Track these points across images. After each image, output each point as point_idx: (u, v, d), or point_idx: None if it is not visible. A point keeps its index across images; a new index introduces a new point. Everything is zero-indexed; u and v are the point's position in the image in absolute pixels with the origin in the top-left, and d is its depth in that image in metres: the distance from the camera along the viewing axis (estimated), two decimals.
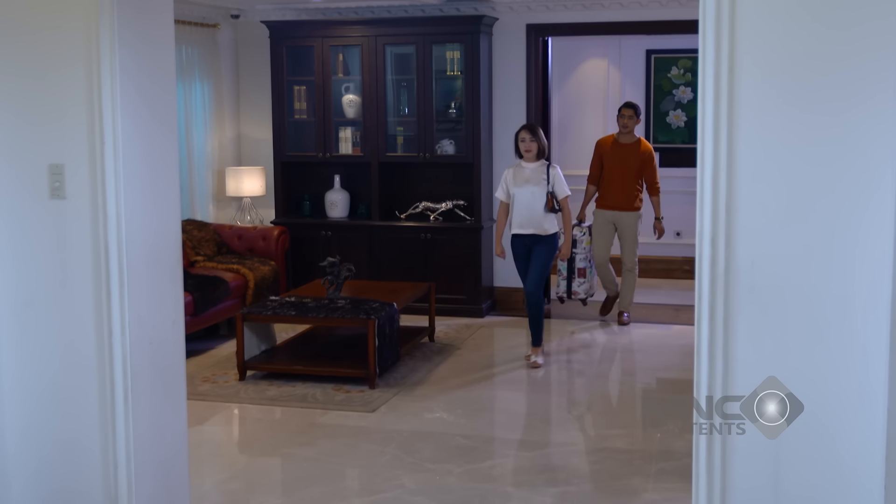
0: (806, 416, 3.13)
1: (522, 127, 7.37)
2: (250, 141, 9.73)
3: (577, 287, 8.83)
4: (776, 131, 3.06)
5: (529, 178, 7.21)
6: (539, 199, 7.17)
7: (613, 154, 8.58)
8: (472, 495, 5.02)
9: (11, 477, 3.97)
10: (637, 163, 8.52)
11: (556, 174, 7.25)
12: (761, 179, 3.10)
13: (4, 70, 3.81)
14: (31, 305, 3.89)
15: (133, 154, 3.80)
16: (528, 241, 7.24)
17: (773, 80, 3.04)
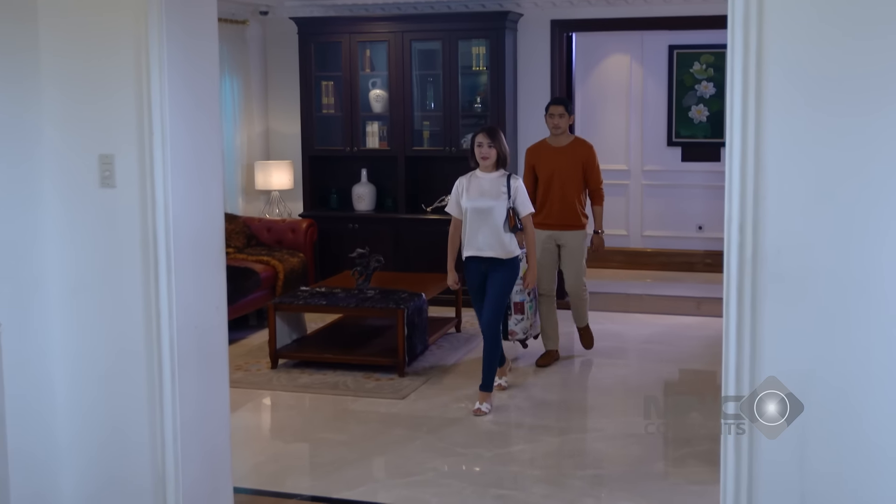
0: (831, 396, 3.24)
1: (480, 129, 6.25)
2: (278, 135, 9.89)
3: (515, 325, 7.03)
4: (802, 122, 3.17)
5: (486, 191, 6.11)
6: (498, 216, 6.08)
7: (547, 161, 7.19)
8: (504, 478, 5.17)
9: (63, 456, 4.12)
10: (577, 168, 7.16)
11: (518, 187, 6.15)
12: (788, 168, 3.21)
13: (58, 65, 3.96)
14: (81, 291, 4.04)
15: (180, 144, 3.95)
16: (484, 267, 6.16)
17: (800, 72, 3.16)
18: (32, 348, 3.98)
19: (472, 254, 6.17)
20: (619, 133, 11.32)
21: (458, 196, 6.22)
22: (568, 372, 7.28)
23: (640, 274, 10.88)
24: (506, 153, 6.18)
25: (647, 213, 11.31)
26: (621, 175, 11.28)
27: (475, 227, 6.14)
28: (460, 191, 6.22)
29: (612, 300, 9.49)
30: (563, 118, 7.13)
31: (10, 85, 3.86)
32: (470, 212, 6.13)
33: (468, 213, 6.14)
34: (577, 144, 7.25)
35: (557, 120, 7.14)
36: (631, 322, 8.81)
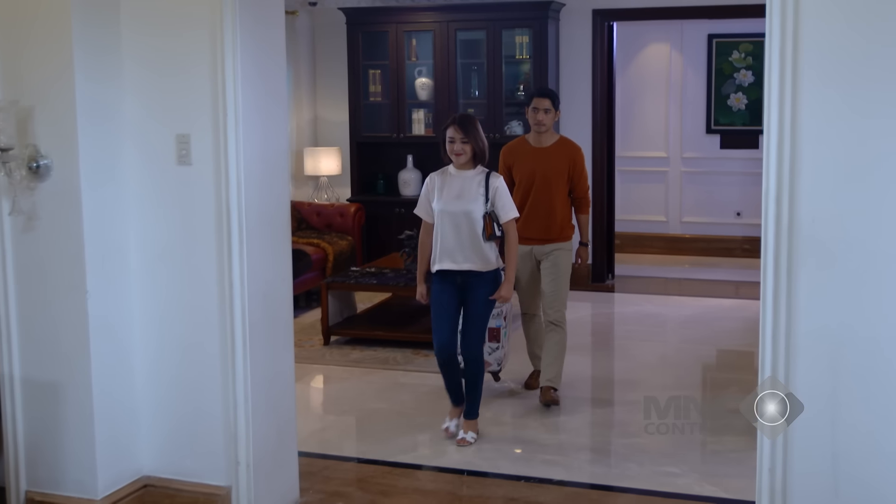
0: (863, 357, 3.46)
1: (452, 121, 5.30)
2: (327, 123, 10.19)
3: (489, 355, 6.01)
4: (836, 99, 3.40)
5: (461, 193, 5.24)
6: (476, 221, 5.22)
7: (528, 163, 6.08)
8: (549, 445, 5.43)
9: (141, 414, 4.43)
10: (562, 172, 6.06)
11: (498, 187, 5.24)
12: (822, 144, 3.44)
13: (138, 52, 4.25)
14: (160, 261, 4.34)
15: (251, 125, 4.23)
16: (460, 281, 5.29)
17: (834, 51, 3.38)
18: (115, 313, 4.29)
19: (447, 267, 5.29)
20: (659, 121, 11.52)
21: (428, 196, 5.35)
22: (609, 350, 7.52)
23: (678, 259, 11.09)
24: (483, 147, 5.25)
25: (686, 200, 11.51)
26: (660, 162, 11.50)
27: (449, 235, 5.26)
28: (431, 190, 5.33)
29: (650, 283, 9.75)
30: (548, 114, 6.01)
31: (93, 58, 4.13)
32: (443, 216, 5.25)
33: (441, 217, 5.26)
34: (563, 145, 6.15)
35: (542, 115, 6.00)
36: (670, 304, 9.03)
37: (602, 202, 9.48)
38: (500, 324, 6.13)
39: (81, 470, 4.26)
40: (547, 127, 6.04)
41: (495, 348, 6.16)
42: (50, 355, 4.24)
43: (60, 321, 4.20)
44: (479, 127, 5.29)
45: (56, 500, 4.31)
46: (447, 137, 5.25)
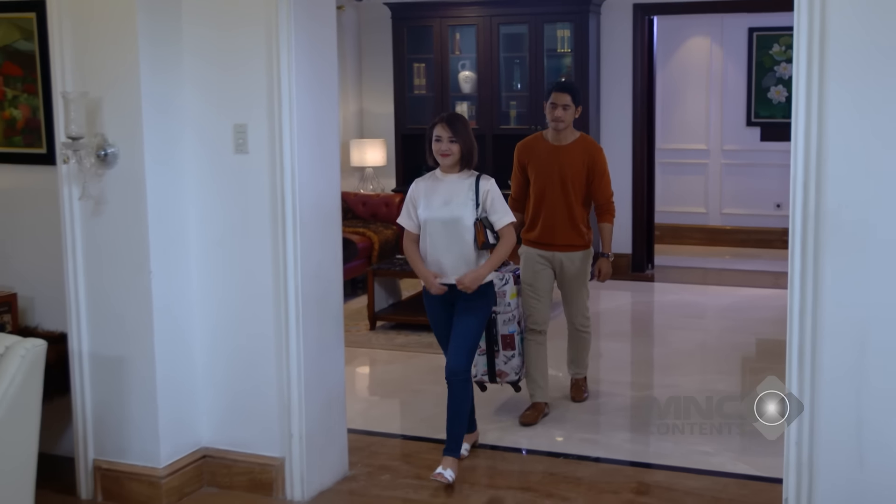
0: (886, 340, 3.61)
1: (439, 118, 4.79)
2: (372, 115, 10.44)
3: (504, 365, 5.55)
4: (861, 90, 3.56)
5: (449, 198, 4.75)
6: (467, 230, 4.73)
7: (543, 162, 5.65)
8: (588, 424, 5.64)
9: (200, 388, 4.70)
10: (580, 173, 5.62)
11: (489, 190, 4.74)
12: (848, 133, 3.60)
13: (198, 46, 4.50)
14: (218, 244, 4.59)
15: (304, 116, 4.47)
16: (450, 296, 4.80)
17: (861, 44, 3.53)
18: (176, 293, 4.55)
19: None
20: (699, 114, 11.64)
21: (413, 204, 4.85)
22: (648, 337, 7.70)
23: (718, 250, 11.21)
24: (472, 147, 4.75)
25: (726, 192, 11.63)
26: (700, 154, 11.64)
27: (437, 246, 4.78)
28: (416, 197, 4.84)
29: (689, 274, 9.90)
30: (567, 110, 5.56)
31: (156, 52, 4.37)
32: (430, 225, 4.77)
33: (427, 226, 4.78)
34: (583, 143, 5.68)
35: (560, 112, 5.56)
36: (709, 294, 9.19)
37: (642, 194, 9.65)
38: (513, 329, 5.51)
39: (145, 440, 4.53)
40: (566, 124, 5.58)
41: (510, 356, 5.54)
42: (116, 332, 4.51)
43: (126, 300, 4.47)
44: (469, 127, 4.79)
45: (122, 469, 4.58)
46: (433, 136, 4.74)
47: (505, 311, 5.44)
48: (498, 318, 5.43)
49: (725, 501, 4.64)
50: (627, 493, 4.73)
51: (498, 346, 5.49)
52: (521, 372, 5.63)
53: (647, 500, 4.67)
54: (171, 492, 4.56)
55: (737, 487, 4.79)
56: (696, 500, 4.64)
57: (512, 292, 5.47)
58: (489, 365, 5.52)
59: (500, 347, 5.50)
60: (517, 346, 5.55)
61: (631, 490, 4.77)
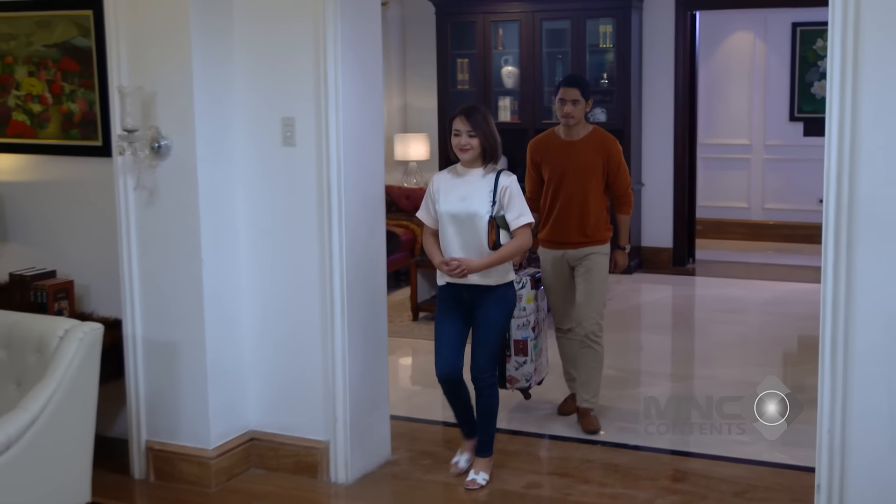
0: None
1: (459, 110, 4.67)
2: (416, 110, 10.58)
3: (515, 371, 5.42)
4: (894, 83, 3.64)
5: (467, 194, 4.58)
6: (480, 227, 4.55)
7: (557, 158, 5.47)
8: (626, 414, 5.72)
9: (248, 373, 4.86)
10: (595, 166, 5.43)
11: (508, 186, 4.54)
12: (880, 125, 3.67)
13: (248, 41, 4.65)
14: (266, 234, 4.75)
15: (350, 110, 4.60)
16: (467, 296, 4.64)
17: (893, 36, 3.61)
18: (226, 281, 4.71)
19: (451, 279, 4.64)
20: (742, 109, 11.65)
21: (431, 198, 4.69)
22: (688, 328, 7.77)
23: (760, 245, 11.23)
24: (494, 142, 4.58)
25: (769, 187, 11.63)
26: (743, 149, 11.66)
27: (453, 242, 4.61)
28: (435, 191, 4.68)
29: (732, 268, 9.94)
30: (577, 105, 5.39)
31: (208, 48, 4.53)
32: (446, 220, 4.60)
33: (444, 220, 4.61)
34: (596, 136, 5.50)
35: (570, 107, 5.39)
36: (751, 288, 9.22)
37: (683, 188, 9.70)
38: (527, 335, 5.38)
39: (196, 422, 4.70)
40: (576, 119, 5.41)
41: (522, 363, 5.40)
42: (168, 318, 4.68)
43: (178, 287, 4.63)
44: (491, 120, 4.63)
45: (173, 450, 4.76)
46: (453, 130, 4.61)
47: (519, 315, 5.29)
48: (512, 323, 5.24)
49: (760, 489, 4.71)
50: (664, 479, 4.84)
51: (510, 350, 5.35)
52: (531, 379, 5.48)
53: (683, 486, 4.77)
54: (219, 472, 4.72)
55: (772, 476, 4.87)
56: (731, 487, 4.73)
57: (528, 297, 5.37)
58: (500, 369, 5.27)
59: (512, 352, 5.36)
60: (529, 353, 5.39)
61: (667, 477, 4.87)
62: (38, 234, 5.27)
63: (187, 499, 4.64)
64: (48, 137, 5.14)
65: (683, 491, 4.72)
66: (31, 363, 3.98)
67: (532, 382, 5.53)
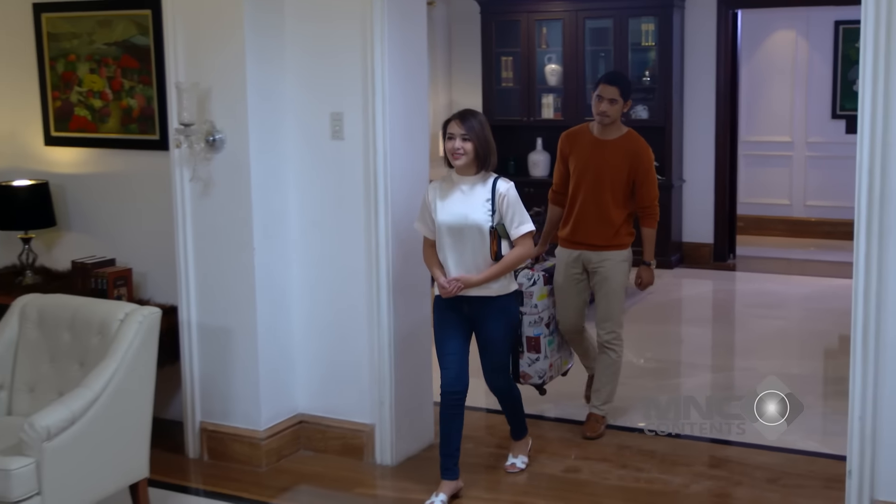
0: None
1: (454, 115, 4.46)
2: (460, 106, 10.66)
3: (528, 367, 5.25)
4: None
5: (463, 202, 4.39)
6: (478, 237, 4.36)
7: (584, 155, 5.31)
8: (664, 405, 5.84)
9: (297, 360, 5.05)
10: (621, 170, 5.24)
11: (506, 194, 4.38)
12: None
13: (298, 39, 4.84)
14: (316, 224, 4.93)
15: (396, 105, 4.77)
16: (467, 310, 4.46)
17: None
18: (277, 269, 4.91)
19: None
20: (784, 106, 11.69)
21: (428, 209, 4.47)
22: (728, 321, 7.87)
23: (801, 242, 11.26)
24: (489, 147, 4.41)
25: (810, 184, 11.66)
26: (785, 147, 11.70)
27: (452, 254, 4.41)
28: (430, 201, 4.45)
29: (772, 264, 10.01)
30: (614, 105, 5.19)
31: (261, 45, 4.73)
32: (443, 231, 4.40)
33: (441, 232, 4.41)
34: (628, 140, 5.29)
35: (606, 105, 5.19)
36: (791, 283, 9.29)
37: (724, 185, 9.79)
38: (540, 332, 5.22)
39: (247, 404, 4.90)
40: (612, 119, 5.22)
41: (535, 359, 5.24)
42: (222, 304, 4.89)
43: (231, 275, 4.84)
44: (487, 126, 4.45)
45: (226, 430, 4.97)
46: (446, 133, 4.38)
47: (531, 312, 5.17)
48: (524, 319, 5.16)
49: (794, 475, 4.83)
50: (699, 465, 4.96)
51: (522, 347, 5.21)
52: (545, 376, 5.30)
53: (718, 472, 4.90)
54: (270, 453, 4.92)
55: (806, 463, 4.98)
56: (765, 473, 4.85)
57: (540, 293, 5.22)
58: (513, 365, 5.17)
59: (525, 349, 5.22)
60: (543, 350, 5.23)
61: (703, 463, 5.00)
62: (99, 224, 5.51)
63: (239, 477, 4.84)
64: (108, 132, 5.37)
65: (718, 476, 4.85)
66: (93, 345, 4.20)
67: (546, 379, 5.33)
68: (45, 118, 5.52)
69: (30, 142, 5.61)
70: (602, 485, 4.78)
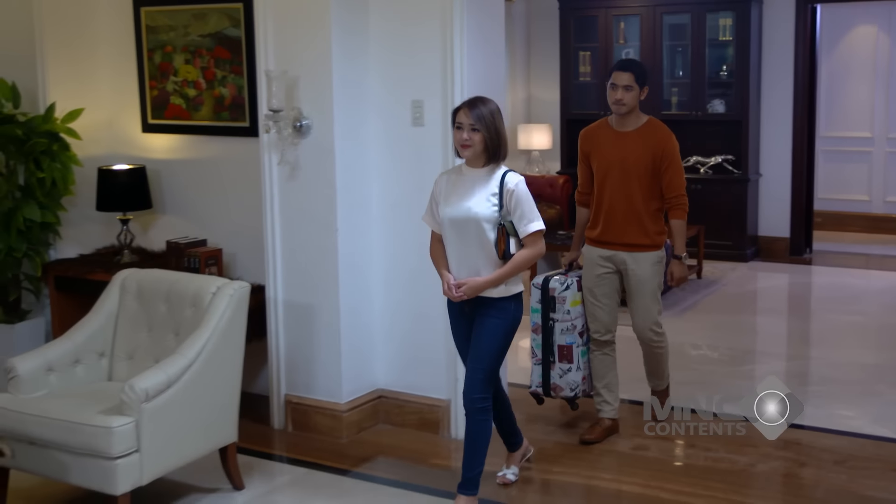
0: None
1: (463, 103, 4.19)
2: (539, 101, 10.92)
3: (559, 378, 5.11)
4: None
5: (469, 196, 4.14)
6: (483, 234, 4.11)
7: (606, 151, 5.06)
8: (734, 388, 5.91)
9: (376, 337, 5.29)
10: (645, 162, 4.95)
11: (515, 189, 4.11)
12: None
13: (381, 35, 5.07)
14: (396, 207, 5.16)
15: (474, 88, 4.88)
16: (468, 309, 4.24)
17: None
18: (359, 250, 5.15)
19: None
20: (864, 102, 11.62)
21: (434, 200, 4.28)
22: (803, 313, 7.92)
23: (881, 238, 11.19)
24: (500, 140, 4.12)
25: (891, 180, 11.57)
26: (865, 142, 11.63)
27: (455, 249, 4.20)
28: (437, 193, 4.27)
29: (849, 259, 9.99)
30: (629, 91, 4.92)
31: (346, 39, 4.97)
32: (448, 225, 4.19)
33: (446, 226, 4.20)
34: (649, 129, 5.02)
35: (621, 93, 4.92)
36: (868, 277, 9.31)
37: (801, 180, 9.80)
38: (572, 340, 5.05)
39: (330, 379, 5.15)
40: (628, 107, 4.94)
41: (566, 370, 5.07)
42: (306, 283, 5.14)
43: (315, 254, 5.09)
44: (499, 115, 4.14)
45: (309, 403, 5.22)
46: (454, 122, 4.15)
47: (563, 319, 5.03)
48: (556, 327, 5.04)
49: (860, 459, 4.92)
50: (766, 447, 5.05)
51: (553, 356, 5.07)
52: (577, 389, 5.12)
53: (785, 453, 5.00)
54: (350, 425, 5.16)
55: (873, 447, 5.07)
56: (832, 456, 4.94)
57: (574, 299, 5.06)
58: (544, 376, 5.12)
59: (556, 358, 5.07)
60: (576, 360, 5.06)
61: (770, 445, 5.09)
62: (191, 207, 5.82)
63: (321, 447, 5.09)
64: (201, 119, 5.67)
65: (785, 458, 4.96)
66: (187, 316, 4.48)
67: (579, 392, 5.13)
68: (143, 106, 5.85)
69: (128, 129, 5.95)
70: (670, 462, 4.92)
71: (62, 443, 4.02)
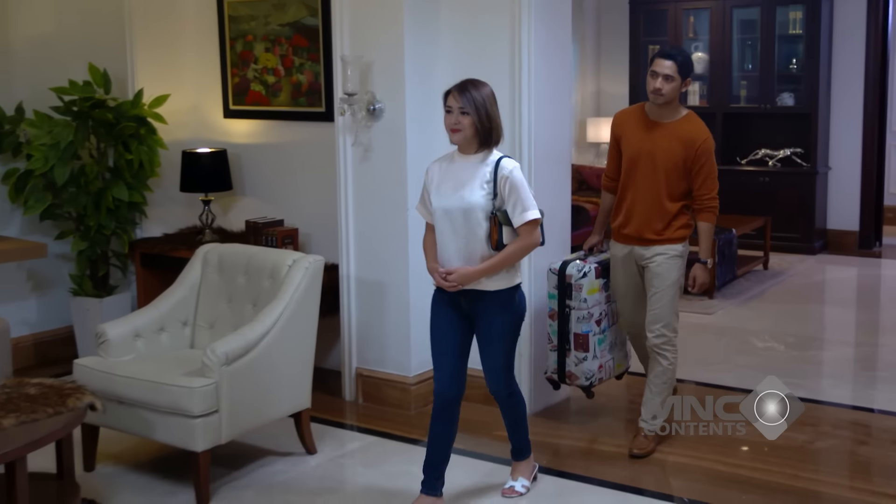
0: None
1: (454, 85, 4.00)
2: (608, 95, 11.05)
3: (575, 367, 4.96)
4: None
5: (461, 184, 3.97)
6: (476, 223, 3.95)
7: (636, 138, 4.81)
8: (796, 371, 6.04)
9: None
10: (675, 157, 4.68)
11: (509, 176, 3.91)
12: None
13: (452, 26, 5.27)
14: None
15: (540, 80, 5.14)
16: (465, 304, 4.06)
17: None
18: None
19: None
20: None
21: (426, 189, 4.11)
22: (872, 302, 7.94)
23: None
24: (490, 122, 3.92)
25: None
26: None
27: (448, 241, 4.01)
28: (429, 182, 4.09)
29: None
30: (669, 82, 4.63)
31: (418, 29, 5.18)
32: (440, 215, 4.01)
33: (437, 216, 4.02)
34: (686, 124, 4.72)
35: (660, 82, 4.65)
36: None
37: (871, 172, 9.79)
38: (589, 329, 4.90)
39: (399, 353, 5.37)
40: (666, 98, 4.66)
41: (582, 358, 4.92)
42: (377, 260, 5.37)
43: (386, 233, 5.31)
44: (491, 98, 3.96)
45: (379, 376, 5.45)
46: (445, 106, 3.97)
47: (580, 307, 4.87)
48: (571, 315, 4.89)
49: None
50: (825, 425, 5.17)
51: (569, 344, 4.93)
52: (593, 377, 4.98)
53: (842, 432, 5.11)
54: (418, 398, 5.37)
55: None
56: (891, 436, 5.06)
57: (591, 287, 4.88)
58: (559, 363, 5.01)
59: (572, 347, 4.92)
60: (592, 349, 4.90)
61: (829, 423, 5.20)
62: (269, 189, 6.08)
63: (390, 418, 5.31)
64: (280, 105, 5.93)
65: (842, 436, 5.07)
66: (265, 287, 4.73)
67: (595, 381, 5.00)
68: (225, 93, 6.13)
69: (211, 114, 6.25)
70: (732, 438, 5.00)
71: (148, 402, 4.28)
